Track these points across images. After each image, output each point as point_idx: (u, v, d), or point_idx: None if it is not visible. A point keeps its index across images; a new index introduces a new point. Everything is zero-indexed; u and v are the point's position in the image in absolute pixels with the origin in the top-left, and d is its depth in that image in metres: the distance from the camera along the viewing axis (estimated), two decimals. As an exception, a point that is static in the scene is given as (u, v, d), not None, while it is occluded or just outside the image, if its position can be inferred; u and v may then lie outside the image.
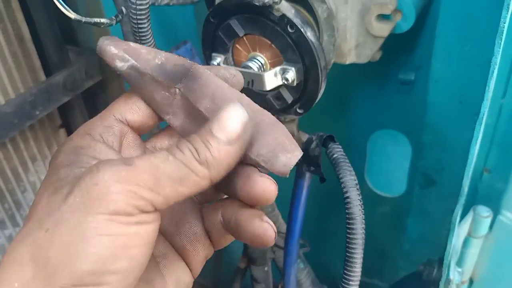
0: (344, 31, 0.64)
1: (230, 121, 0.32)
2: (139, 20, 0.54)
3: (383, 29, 0.63)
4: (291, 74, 0.59)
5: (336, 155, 0.61)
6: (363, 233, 0.57)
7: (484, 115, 0.57)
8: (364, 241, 0.57)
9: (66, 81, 1.07)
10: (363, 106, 0.92)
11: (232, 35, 0.61)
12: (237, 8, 0.59)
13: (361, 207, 0.57)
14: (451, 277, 0.71)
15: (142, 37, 0.56)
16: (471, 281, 0.83)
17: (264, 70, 0.61)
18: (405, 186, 0.95)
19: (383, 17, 0.63)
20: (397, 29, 0.65)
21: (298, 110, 0.64)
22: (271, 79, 0.59)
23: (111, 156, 0.36)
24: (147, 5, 0.53)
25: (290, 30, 0.57)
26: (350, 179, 0.57)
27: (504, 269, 0.80)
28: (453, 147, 0.80)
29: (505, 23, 0.53)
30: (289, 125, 0.69)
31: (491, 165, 0.76)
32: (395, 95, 0.86)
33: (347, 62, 0.67)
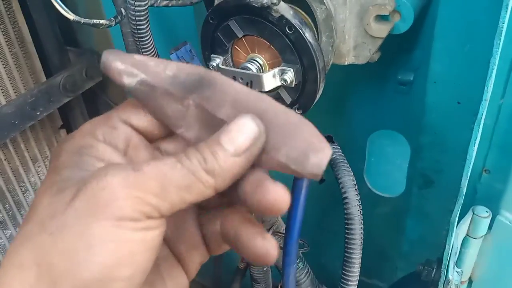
0: (342, 32, 0.64)
1: (240, 133, 0.32)
2: (138, 21, 0.54)
3: (381, 30, 0.63)
4: (289, 75, 0.59)
5: (334, 156, 0.61)
6: (362, 233, 0.57)
7: (482, 115, 0.57)
8: (362, 241, 0.57)
9: (67, 82, 1.08)
10: (362, 106, 0.92)
11: (231, 36, 0.62)
12: (235, 9, 0.59)
13: (360, 207, 0.57)
14: (450, 277, 0.71)
15: (141, 38, 0.56)
16: (470, 281, 0.83)
17: (263, 71, 0.61)
18: (404, 186, 0.95)
19: (381, 18, 0.63)
20: (395, 30, 0.65)
21: (296, 111, 0.65)
22: (270, 80, 0.59)
23: (115, 158, 0.35)
24: (146, 6, 0.54)
25: (288, 31, 0.57)
26: (348, 180, 0.57)
27: (504, 269, 0.80)
28: (451, 147, 0.80)
29: (504, 23, 0.53)
30: (288, 126, 0.69)
31: (490, 165, 0.76)
32: (394, 95, 0.86)
33: (345, 63, 0.67)
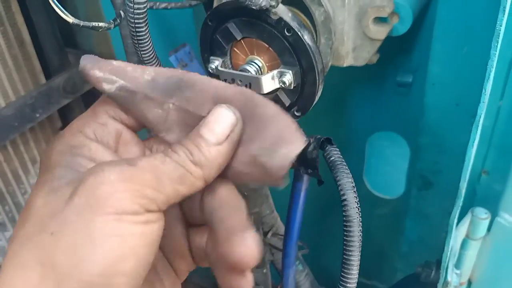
0: (341, 34, 0.64)
1: (218, 123, 0.34)
2: (137, 24, 0.54)
3: (380, 32, 0.63)
4: (288, 77, 0.59)
5: (333, 158, 0.60)
6: (360, 235, 0.57)
7: (480, 117, 0.57)
8: (361, 243, 0.57)
9: (66, 84, 1.08)
10: (361, 108, 0.92)
11: (229, 38, 0.62)
12: (234, 11, 0.59)
13: (358, 209, 0.56)
14: (449, 279, 0.71)
15: (140, 41, 0.56)
16: (469, 282, 0.83)
17: (262, 74, 0.61)
18: (403, 187, 0.96)
19: (380, 20, 0.63)
20: (394, 32, 0.65)
21: (295, 113, 0.65)
22: (269, 83, 0.60)
23: (107, 157, 0.35)
24: (145, 9, 0.54)
25: (287, 33, 0.57)
26: (347, 182, 0.57)
27: (503, 270, 0.80)
28: (450, 149, 0.80)
29: (501, 26, 0.53)
30: (287, 128, 0.69)
31: (489, 167, 0.76)
32: (393, 97, 0.86)
33: (344, 65, 0.67)
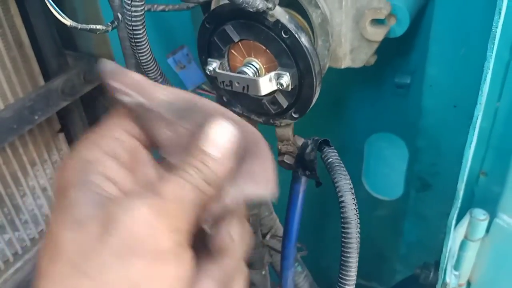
0: (339, 35, 0.64)
1: (219, 135, 0.33)
2: (134, 27, 0.54)
3: (377, 34, 0.63)
4: (285, 79, 0.60)
5: (331, 160, 0.61)
6: (358, 237, 0.57)
7: (477, 119, 0.57)
8: (359, 245, 0.57)
9: (65, 86, 1.08)
10: (359, 109, 0.92)
11: (227, 40, 0.62)
12: (231, 13, 0.59)
13: (356, 211, 0.57)
14: (447, 280, 0.71)
15: (138, 43, 0.56)
16: (468, 284, 0.83)
17: (259, 75, 0.62)
18: (402, 189, 0.96)
19: (377, 21, 0.63)
20: (391, 34, 0.65)
21: (293, 114, 0.65)
22: (266, 84, 0.60)
23: (122, 175, 0.34)
24: (142, 12, 0.54)
25: (284, 35, 0.57)
26: (345, 183, 0.58)
27: (502, 272, 0.80)
28: (448, 151, 0.80)
29: (497, 27, 0.53)
30: (285, 130, 0.69)
31: (487, 168, 0.76)
32: (391, 98, 0.86)
33: (342, 67, 0.67)
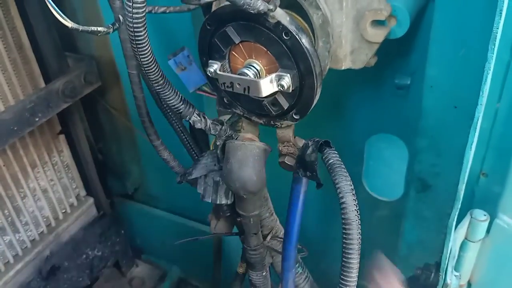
0: (339, 37, 0.64)
1: None
2: (135, 28, 0.54)
3: (377, 35, 0.63)
4: (286, 81, 0.60)
5: (332, 161, 0.61)
6: (359, 238, 0.57)
7: (478, 120, 0.57)
8: (360, 246, 0.57)
9: (65, 88, 1.08)
10: (360, 110, 0.92)
11: (228, 42, 0.62)
12: (232, 15, 0.59)
13: (357, 212, 0.57)
14: (448, 281, 0.71)
15: (139, 45, 0.56)
16: (469, 284, 0.83)
17: (260, 77, 0.62)
18: (402, 190, 0.96)
19: (377, 23, 0.63)
20: (391, 35, 0.65)
21: (294, 116, 0.65)
22: (267, 86, 0.60)
23: None
24: (144, 13, 0.54)
25: (285, 37, 0.58)
26: (345, 185, 0.57)
27: (502, 272, 0.80)
28: (448, 151, 0.80)
29: (498, 28, 0.53)
30: (286, 131, 0.69)
31: (487, 169, 0.76)
32: (391, 99, 0.86)
33: (342, 68, 0.67)
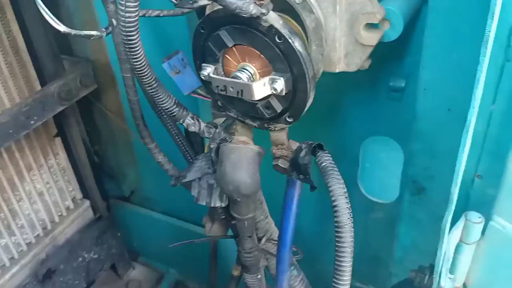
0: (333, 40, 0.64)
1: None
2: (128, 32, 0.54)
3: (371, 38, 0.63)
4: (279, 84, 0.60)
5: (325, 164, 0.61)
6: (352, 241, 0.57)
7: (471, 123, 0.57)
8: (353, 249, 0.57)
9: (61, 91, 1.08)
10: (355, 113, 0.92)
11: (221, 45, 0.62)
12: (226, 19, 0.59)
13: (350, 215, 0.57)
14: (442, 284, 0.71)
15: (131, 49, 0.57)
16: (464, 286, 0.83)
17: (254, 80, 0.62)
18: (398, 192, 0.96)
19: (371, 26, 0.63)
20: (385, 38, 0.65)
21: (287, 119, 0.65)
22: (260, 89, 0.60)
23: None
24: (136, 17, 0.54)
25: (278, 40, 0.58)
26: (338, 188, 0.58)
27: (497, 274, 0.80)
28: (442, 154, 0.80)
29: (490, 31, 0.53)
30: (279, 134, 0.69)
31: (482, 171, 0.76)
32: (386, 102, 0.86)
33: (336, 71, 0.67)
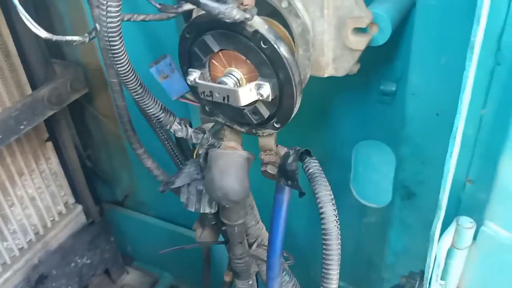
0: (321, 45, 0.64)
1: None
2: (110, 38, 0.54)
3: (359, 43, 0.63)
4: (266, 89, 0.59)
5: (312, 170, 0.60)
6: (339, 248, 0.56)
7: (457, 128, 0.57)
8: (340, 256, 0.56)
9: (51, 95, 1.07)
10: (345, 117, 0.92)
11: (207, 50, 0.61)
12: (210, 23, 0.59)
13: (337, 222, 0.56)
14: (432, 290, 0.70)
15: (115, 54, 0.56)
16: (457, 292, 0.82)
17: (240, 85, 0.61)
18: (391, 196, 0.95)
19: (359, 30, 0.62)
20: (374, 42, 0.65)
21: (275, 124, 0.64)
22: (246, 95, 0.59)
23: None
24: (118, 23, 0.53)
25: (263, 45, 0.57)
26: (325, 194, 0.57)
27: (489, 280, 0.79)
28: (432, 159, 0.80)
29: (475, 36, 0.53)
30: (267, 140, 0.69)
31: (473, 175, 0.75)
32: (377, 106, 0.85)
33: (325, 75, 0.67)
